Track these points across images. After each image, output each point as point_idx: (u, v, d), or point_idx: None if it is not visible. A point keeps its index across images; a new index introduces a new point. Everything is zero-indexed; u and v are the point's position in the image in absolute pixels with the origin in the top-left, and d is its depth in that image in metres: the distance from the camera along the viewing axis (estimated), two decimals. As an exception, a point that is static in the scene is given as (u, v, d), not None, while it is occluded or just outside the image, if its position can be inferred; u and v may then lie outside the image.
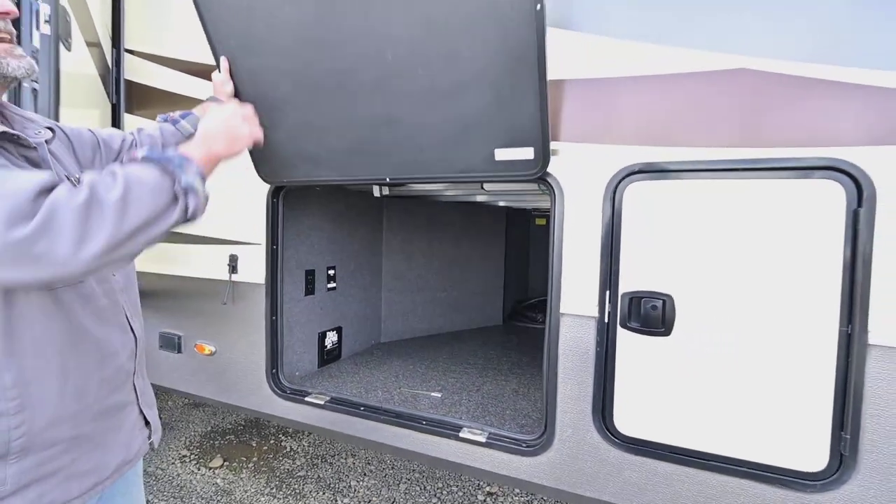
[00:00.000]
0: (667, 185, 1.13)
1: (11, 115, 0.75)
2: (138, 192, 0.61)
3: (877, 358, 0.97)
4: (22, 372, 0.67)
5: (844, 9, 0.98)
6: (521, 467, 1.27)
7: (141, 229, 0.61)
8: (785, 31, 1.03)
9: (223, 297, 1.70)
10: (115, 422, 0.79)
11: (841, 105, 1.00)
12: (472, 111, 1.11)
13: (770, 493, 1.04)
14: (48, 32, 1.38)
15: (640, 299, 1.15)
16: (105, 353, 0.76)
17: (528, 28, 0.96)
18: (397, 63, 1.08)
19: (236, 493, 2.05)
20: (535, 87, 1.03)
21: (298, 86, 1.19)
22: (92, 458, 0.75)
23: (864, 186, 0.98)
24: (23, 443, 0.67)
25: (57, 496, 0.70)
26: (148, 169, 0.65)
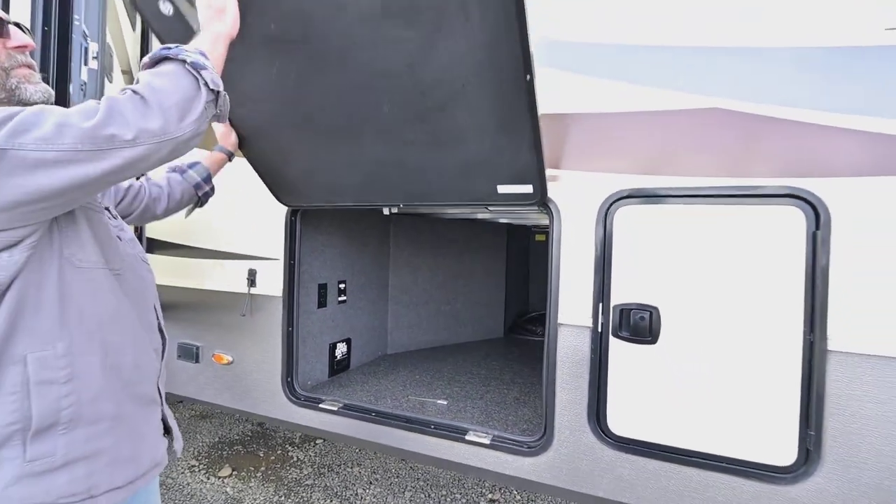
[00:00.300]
0: (653, 209, 1.28)
1: None
2: (162, 80, 0.70)
3: (835, 362, 1.10)
4: (71, 343, 0.70)
5: (805, 61, 1.14)
6: (523, 467, 1.37)
7: (184, 102, 0.70)
8: (754, 77, 1.19)
9: (242, 308, 1.81)
10: (146, 414, 0.83)
11: (801, 142, 1.16)
12: (472, 158, 1.22)
13: (747, 486, 1.15)
14: (95, 67, 1.53)
15: (629, 311, 1.27)
16: (138, 340, 0.82)
17: (518, 94, 1.02)
18: (395, 115, 1.16)
19: (246, 501, 2.12)
20: (528, 138, 1.12)
21: (304, 132, 1.29)
22: (130, 445, 0.78)
23: (821, 212, 1.12)
24: (72, 413, 0.70)
25: (103, 480, 0.72)
26: (160, 64, 0.73)
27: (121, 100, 0.66)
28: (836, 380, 1.10)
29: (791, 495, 1.12)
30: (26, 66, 0.75)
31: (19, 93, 0.73)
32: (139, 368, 0.81)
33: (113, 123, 0.63)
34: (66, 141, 0.61)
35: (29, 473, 0.66)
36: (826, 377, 1.10)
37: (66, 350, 0.70)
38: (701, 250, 1.22)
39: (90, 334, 0.73)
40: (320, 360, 2.05)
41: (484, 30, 0.90)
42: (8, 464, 0.65)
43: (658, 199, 1.27)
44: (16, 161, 0.59)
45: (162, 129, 0.67)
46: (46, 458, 0.67)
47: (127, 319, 0.80)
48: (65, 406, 0.69)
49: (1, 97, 0.72)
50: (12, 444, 0.65)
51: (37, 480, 0.67)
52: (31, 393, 0.66)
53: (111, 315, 0.77)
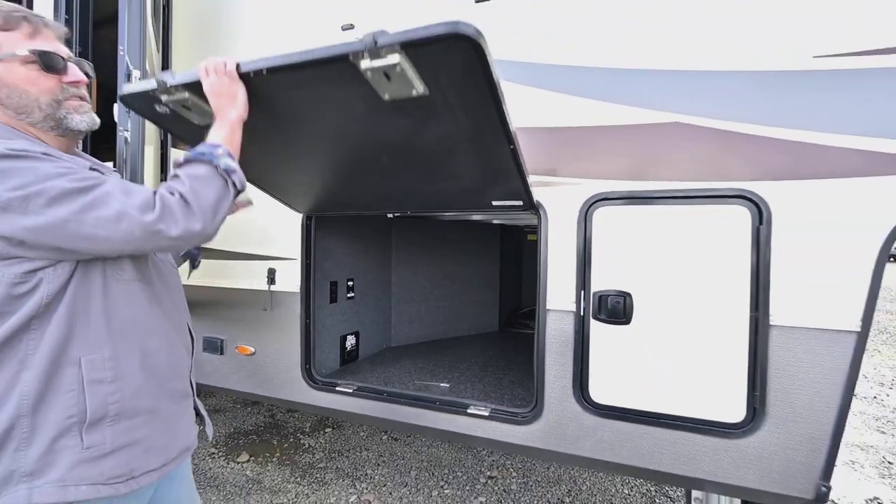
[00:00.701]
0: (625, 209, 1.49)
1: (89, 160, 0.97)
2: (200, 184, 0.81)
3: (776, 335, 1.31)
4: (115, 348, 0.80)
5: (749, 82, 1.35)
6: (518, 434, 1.57)
7: (216, 205, 0.82)
8: (708, 96, 1.40)
9: (263, 304, 2.00)
10: (180, 408, 0.94)
11: (747, 151, 1.37)
12: (467, 188, 1.42)
13: (706, 441, 1.36)
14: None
15: (607, 297, 1.48)
16: (171, 342, 0.92)
17: (503, 152, 1.13)
18: (394, 164, 1.32)
19: (265, 481, 2.30)
20: (516, 175, 1.27)
21: (314, 174, 1.47)
22: (164, 436, 0.88)
23: (763, 210, 1.34)
24: (117, 408, 0.80)
25: (140, 464, 0.83)
26: (195, 166, 0.83)
27: (172, 202, 0.77)
28: (776, 349, 1.31)
29: (741, 447, 1.33)
30: (78, 98, 0.85)
31: (66, 122, 0.83)
32: (173, 367, 0.91)
33: (163, 221, 0.75)
34: (122, 227, 0.73)
35: (86, 459, 0.77)
36: (768, 347, 1.32)
37: (111, 354, 0.80)
38: (666, 243, 1.43)
39: (130, 340, 0.83)
40: (332, 350, 2.24)
41: (469, 119, 1.01)
42: (69, 451, 0.76)
43: (630, 201, 1.48)
44: (73, 230, 0.71)
45: (202, 229, 0.80)
46: (98, 447, 0.78)
47: (161, 324, 0.90)
48: (111, 402, 0.79)
49: (51, 125, 0.82)
50: (71, 434, 0.76)
51: (92, 464, 0.77)
52: (85, 390, 0.77)
53: (147, 322, 0.86)
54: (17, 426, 0.73)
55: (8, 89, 0.78)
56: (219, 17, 2.11)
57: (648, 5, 1.44)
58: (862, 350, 1.25)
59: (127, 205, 0.73)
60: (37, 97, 0.80)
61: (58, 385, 0.76)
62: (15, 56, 0.77)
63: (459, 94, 0.90)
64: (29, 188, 0.69)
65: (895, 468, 2.57)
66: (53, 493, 0.74)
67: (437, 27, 0.74)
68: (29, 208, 0.69)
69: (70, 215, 0.70)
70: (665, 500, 2.20)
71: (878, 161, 1.25)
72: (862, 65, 1.27)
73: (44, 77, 0.80)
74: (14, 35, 0.78)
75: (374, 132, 1.11)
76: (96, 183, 0.74)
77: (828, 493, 1.25)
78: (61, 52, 0.83)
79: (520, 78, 1.58)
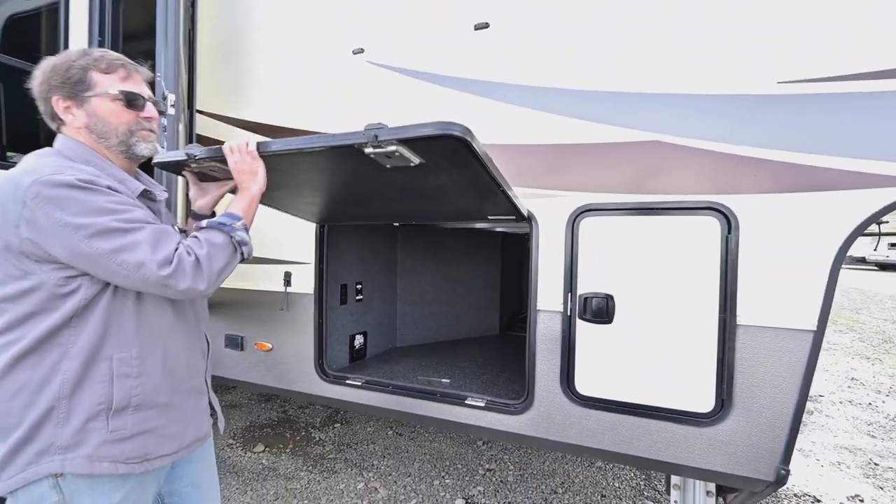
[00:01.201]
0: (609, 219, 1.64)
1: (142, 179, 1.11)
2: (215, 250, 0.96)
3: (742, 333, 1.45)
4: (142, 349, 0.94)
5: (720, 105, 1.51)
6: (510, 423, 1.73)
7: (223, 269, 0.97)
8: (683, 117, 1.54)
9: (280, 304, 2.19)
10: (193, 403, 1.06)
11: (717, 167, 1.52)
12: (464, 208, 1.59)
13: (678, 429, 1.50)
14: (173, 113, 1.93)
15: (591, 298, 1.63)
16: (190, 346, 1.05)
17: (495, 192, 1.31)
18: (397, 196, 1.50)
19: (280, 469, 2.47)
20: (506, 201, 1.44)
21: (323, 197, 1.65)
22: (177, 426, 1.01)
23: (732, 220, 1.48)
24: (138, 400, 0.93)
25: (155, 449, 0.96)
26: (215, 233, 0.98)
27: (187, 263, 0.90)
28: (742, 346, 1.45)
29: (710, 434, 1.47)
30: (148, 130, 1.03)
31: (134, 148, 1.01)
32: (189, 368, 1.04)
33: (174, 277, 0.88)
34: (140, 274, 0.86)
35: (110, 440, 0.90)
36: (735, 344, 1.46)
37: (138, 354, 0.93)
38: (645, 250, 1.58)
39: (155, 343, 0.96)
40: (342, 348, 2.42)
41: (461, 174, 1.17)
42: (97, 432, 0.89)
43: (613, 212, 1.63)
44: (102, 264, 0.85)
45: (206, 289, 0.93)
46: (120, 431, 0.91)
47: (182, 331, 1.03)
48: (134, 395, 0.92)
49: (122, 149, 1.00)
50: (100, 418, 0.89)
51: (114, 445, 0.91)
52: (113, 383, 0.90)
53: (171, 329, 1.00)
54: (57, 407, 0.87)
55: (96, 118, 0.97)
56: (238, 41, 2.32)
57: (630, 36, 1.61)
58: (818, 347, 1.39)
59: (150, 258, 0.86)
60: (116, 126, 0.98)
61: (92, 376, 0.89)
62: (108, 94, 0.97)
63: (451, 163, 1.07)
64: (82, 218, 0.83)
65: (880, 469, 2.66)
66: (81, 465, 0.88)
67: (429, 127, 0.89)
68: (76, 235, 0.83)
69: (103, 253, 0.84)
70: (653, 492, 2.32)
71: (834, 177, 1.39)
72: (820, 90, 1.41)
73: (125, 112, 0.98)
74: (111, 77, 0.98)
75: (379, 181, 1.29)
76: (134, 228, 0.87)
77: (787, 475, 1.38)
78: (144, 93, 1.02)
79: (514, 99, 1.75)
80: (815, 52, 1.40)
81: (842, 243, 1.38)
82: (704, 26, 1.52)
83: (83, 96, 0.96)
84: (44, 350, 0.88)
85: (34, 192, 0.83)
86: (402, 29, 1.95)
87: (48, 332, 0.87)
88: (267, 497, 2.24)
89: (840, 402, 3.85)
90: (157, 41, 2.01)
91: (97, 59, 0.97)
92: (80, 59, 0.97)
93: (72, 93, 0.96)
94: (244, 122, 2.28)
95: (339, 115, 2.04)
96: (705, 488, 1.69)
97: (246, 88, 2.30)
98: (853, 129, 1.36)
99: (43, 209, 0.83)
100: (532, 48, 1.73)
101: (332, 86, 2.06)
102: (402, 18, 1.93)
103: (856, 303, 9.86)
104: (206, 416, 1.12)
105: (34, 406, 0.87)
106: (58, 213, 0.83)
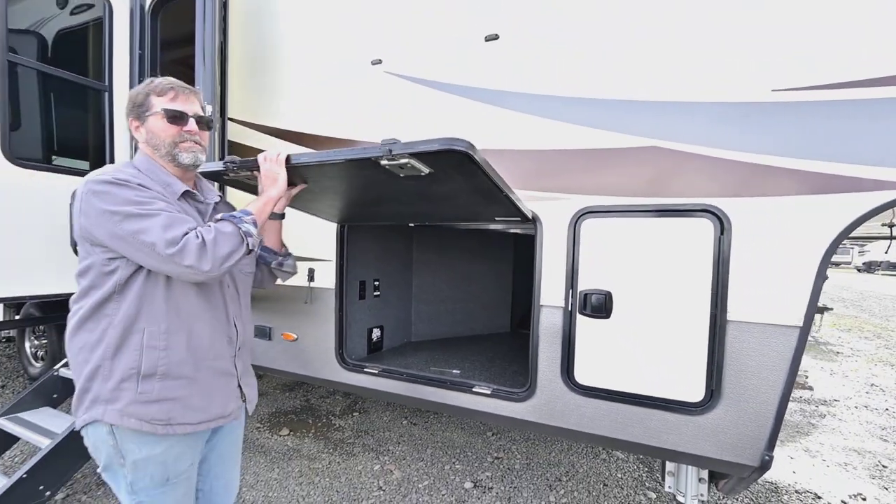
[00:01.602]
0: (608, 220, 1.75)
1: (200, 185, 1.28)
2: (222, 237, 1.05)
3: (732, 328, 1.55)
4: (169, 325, 1.07)
5: (715, 112, 1.60)
6: (514, 410, 1.86)
7: (228, 255, 1.04)
8: (679, 124, 1.63)
9: (304, 298, 2.38)
10: (219, 382, 1.17)
11: (711, 171, 1.61)
12: (473, 210, 1.74)
13: (671, 417, 1.61)
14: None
15: (591, 295, 1.75)
16: (213, 329, 1.15)
17: (501, 197, 1.43)
18: (410, 199, 1.66)
19: (303, 451, 2.67)
20: (511, 205, 1.58)
21: (343, 200, 1.83)
22: (201, 400, 1.12)
23: (724, 222, 1.57)
24: (164, 369, 1.06)
25: (177, 415, 1.08)
26: (225, 223, 1.09)
27: (193, 243, 1.00)
28: (731, 340, 1.54)
29: (700, 422, 1.58)
30: (192, 142, 1.17)
31: (177, 158, 1.15)
32: (213, 349, 1.15)
33: (179, 255, 0.99)
34: (152, 251, 0.98)
35: (139, 401, 1.05)
36: (725, 339, 1.55)
37: (165, 329, 1.07)
38: (642, 249, 1.68)
39: (181, 322, 1.09)
40: (361, 340, 2.60)
41: (468, 182, 1.30)
42: (129, 392, 1.04)
43: (612, 213, 1.74)
44: (128, 242, 0.99)
45: (210, 269, 1.02)
46: (147, 394, 1.05)
47: (205, 314, 1.14)
48: (160, 364, 1.06)
49: (169, 158, 1.16)
50: (130, 381, 1.04)
51: (141, 406, 1.05)
52: (143, 352, 1.05)
53: (194, 310, 1.11)
54: (102, 366, 1.05)
55: (151, 133, 1.15)
56: (265, 58, 2.53)
57: (627, 48, 1.72)
58: (804, 342, 1.48)
59: (159, 238, 0.98)
60: (164, 139, 1.15)
61: (128, 344, 1.05)
62: (157, 112, 1.15)
63: (457, 172, 1.22)
64: (115, 207, 1.00)
65: (888, 471, 2.68)
66: (115, 417, 1.04)
67: (436, 143, 1.04)
68: (111, 220, 1.00)
69: (128, 234, 0.99)
70: (654, 483, 2.41)
71: (822, 182, 1.47)
72: (812, 98, 1.49)
73: (170, 126, 1.14)
74: (162, 98, 1.15)
75: (394, 187, 1.45)
76: (151, 214, 1.01)
77: (770, 461, 1.48)
78: (188, 110, 1.17)
79: (521, 107, 1.88)
80: (808, 62, 1.47)
81: (828, 245, 1.46)
82: (698, 38, 1.61)
83: (144, 116, 1.15)
84: (96, 317, 1.06)
85: (87, 189, 1.04)
86: (417, 41, 2.10)
87: (98, 302, 1.06)
88: (292, 474, 2.43)
89: (856, 406, 3.82)
90: (196, 59, 2.23)
91: (155, 86, 1.15)
92: (145, 87, 1.16)
93: (138, 114, 1.16)
94: (271, 129, 2.48)
95: (358, 122, 2.22)
96: (698, 475, 1.79)
97: (272, 98, 2.50)
98: (839, 135, 1.44)
99: (89, 201, 1.03)
100: (538, 59, 1.85)
101: (352, 94, 2.23)
102: (417, 31, 2.09)
103: (887, 310, 9.53)
104: (235, 397, 1.22)
105: (88, 362, 1.05)
106: (99, 204, 1.01)
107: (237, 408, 1.23)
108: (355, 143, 2.22)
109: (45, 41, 2.67)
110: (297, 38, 2.42)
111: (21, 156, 2.40)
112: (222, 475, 1.29)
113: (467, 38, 1.96)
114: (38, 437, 2.04)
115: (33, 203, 2.41)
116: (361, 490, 2.32)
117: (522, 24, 1.88)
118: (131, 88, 1.21)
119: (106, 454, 1.08)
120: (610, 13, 1.74)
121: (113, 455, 1.07)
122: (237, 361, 1.22)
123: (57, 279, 2.50)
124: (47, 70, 2.59)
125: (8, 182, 2.31)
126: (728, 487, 1.70)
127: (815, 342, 6.24)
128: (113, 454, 1.07)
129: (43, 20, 2.67)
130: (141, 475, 1.07)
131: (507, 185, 1.42)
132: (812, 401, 3.91)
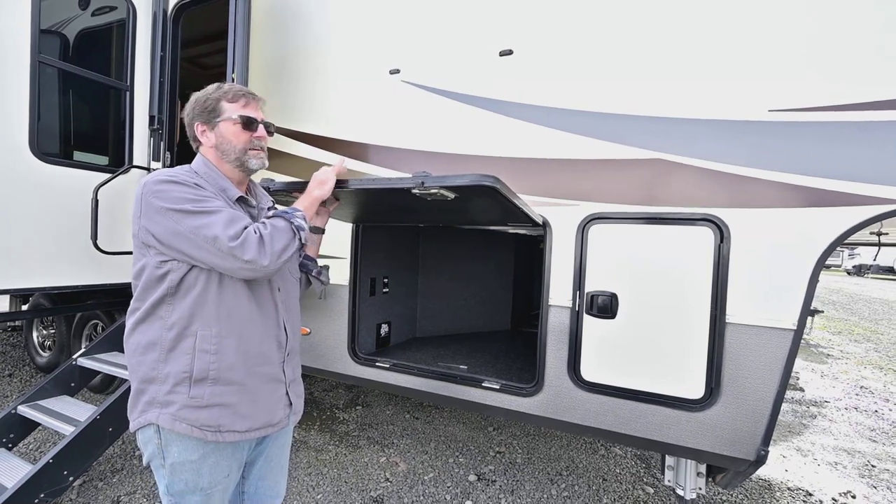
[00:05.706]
0: (615, 227, 1.84)
1: (255, 191, 1.29)
2: (277, 232, 1.07)
3: (730, 330, 1.64)
4: (220, 329, 1.06)
5: (714, 128, 1.70)
6: (522, 404, 1.95)
7: (283, 249, 1.07)
8: (682, 139, 1.73)
9: (319, 294, 2.45)
10: (267, 389, 1.14)
11: (712, 183, 1.70)
12: (488, 219, 1.85)
13: (672, 413, 1.70)
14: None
15: (597, 296, 1.84)
16: (263, 333, 1.14)
17: (516, 213, 1.58)
18: (431, 214, 1.78)
19: (310, 443, 2.74)
20: (524, 214, 1.66)
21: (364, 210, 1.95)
22: (249, 407, 1.10)
23: (724, 230, 1.67)
24: (215, 374, 1.05)
25: (227, 423, 1.07)
26: (278, 219, 1.12)
27: (252, 237, 1.02)
28: (730, 341, 1.64)
29: (700, 418, 1.67)
30: (259, 148, 1.19)
31: (247, 163, 1.17)
32: (262, 355, 1.13)
33: (240, 249, 1.00)
34: (214, 246, 1.00)
35: (190, 405, 1.04)
36: (724, 340, 1.65)
37: (217, 334, 1.06)
38: (646, 254, 1.77)
39: (232, 326, 1.08)
40: (370, 335, 2.67)
41: (487, 203, 1.44)
42: (180, 395, 1.04)
43: (619, 220, 1.83)
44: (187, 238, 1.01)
45: (268, 264, 1.04)
46: (198, 399, 1.04)
47: (255, 318, 1.12)
48: (211, 369, 1.04)
49: (237, 164, 1.17)
50: (183, 385, 1.04)
51: (192, 411, 1.04)
52: (195, 355, 1.04)
53: (244, 314, 1.10)
54: (157, 368, 1.05)
55: (222, 138, 1.16)
56: (285, 61, 2.60)
57: (637, 66, 1.81)
58: (797, 344, 1.57)
59: (222, 233, 1.00)
60: (235, 145, 1.16)
61: (182, 347, 1.05)
62: (231, 118, 1.16)
63: (481, 196, 1.32)
64: (173, 204, 1.02)
65: (877, 470, 2.79)
66: (167, 421, 1.04)
67: (466, 178, 1.13)
68: (170, 216, 1.02)
69: (189, 229, 1.01)
70: (651, 479, 2.51)
71: (816, 196, 1.56)
72: (805, 118, 1.58)
73: (243, 132, 1.16)
74: (235, 105, 1.16)
75: (416, 204, 1.53)
76: (212, 211, 1.03)
77: (766, 456, 1.57)
78: (259, 117, 1.19)
79: (533, 118, 1.97)
80: (803, 85, 1.58)
81: (821, 254, 1.56)
82: (701, 59, 1.71)
83: (215, 121, 1.16)
84: (150, 319, 1.07)
85: (146, 190, 1.06)
86: (433, 52, 2.19)
87: (152, 305, 1.07)
88: (301, 465, 2.51)
89: (846, 408, 3.94)
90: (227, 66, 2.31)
91: (226, 92, 1.17)
92: (215, 92, 1.17)
93: (207, 119, 1.17)
94: (295, 133, 2.56)
95: (376, 127, 2.30)
96: (696, 469, 1.88)
97: (294, 103, 2.57)
98: (831, 154, 1.54)
99: (148, 200, 1.05)
100: (550, 74, 1.94)
101: (371, 101, 2.31)
102: (434, 43, 2.17)
103: (877, 313, 9.71)
104: (282, 405, 1.18)
105: (143, 364, 1.07)
106: (158, 202, 1.03)
107: (285, 416, 1.20)
108: (371, 147, 2.31)
109: (67, 41, 2.72)
110: (319, 45, 2.50)
111: (46, 151, 2.46)
112: (268, 475, 1.28)
113: (482, 53, 2.06)
114: (61, 425, 2.11)
115: (57, 197, 2.47)
116: (369, 481, 2.39)
117: (536, 41, 1.97)
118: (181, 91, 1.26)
119: (150, 452, 1.10)
120: (618, 34, 1.84)
121: (156, 454, 1.09)
122: (286, 367, 1.20)
123: (74, 271, 2.57)
124: (74, 70, 2.64)
125: (35, 176, 2.38)
126: (725, 481, 1.79)
127: (806, 344, 6.38)
128: (156, 453, 1.09)
129: (65, 21, 2.72)
130: (177, 479, 1.09)
131: (524, 203, 1.51)
132: (803, 402, 4.03)
